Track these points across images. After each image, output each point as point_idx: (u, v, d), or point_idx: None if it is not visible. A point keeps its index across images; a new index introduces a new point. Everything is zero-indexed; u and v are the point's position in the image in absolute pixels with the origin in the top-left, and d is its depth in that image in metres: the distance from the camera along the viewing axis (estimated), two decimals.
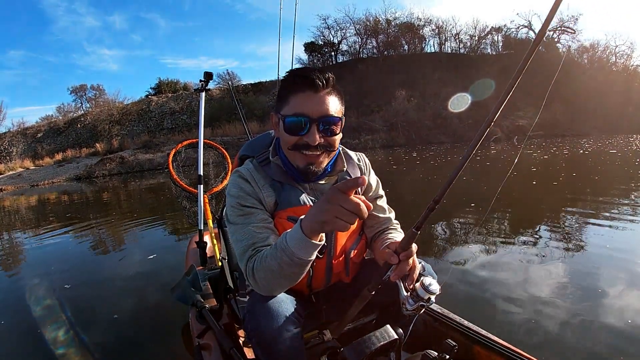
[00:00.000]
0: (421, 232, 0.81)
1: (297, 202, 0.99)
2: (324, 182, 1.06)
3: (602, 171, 7.69)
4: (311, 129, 0.91)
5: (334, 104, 0.94)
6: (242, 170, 1.02)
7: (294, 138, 0.93)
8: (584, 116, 22.63)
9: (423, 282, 0.85)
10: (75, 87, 30.22)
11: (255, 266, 0.87)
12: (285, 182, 1.00)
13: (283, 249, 0.80)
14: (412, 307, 0.85)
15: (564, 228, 3.65)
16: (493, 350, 1.15)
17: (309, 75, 0.90)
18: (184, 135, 21.43)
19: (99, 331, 2.18)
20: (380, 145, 19.23)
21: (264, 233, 0.93)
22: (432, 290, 0.84)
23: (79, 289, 2.96)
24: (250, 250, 0.91)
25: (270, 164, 1.03)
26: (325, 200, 0.72)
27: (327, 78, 0.92)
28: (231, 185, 1.00)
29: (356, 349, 0.92)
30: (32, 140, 24.71)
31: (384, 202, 1.17)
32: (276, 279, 0.85)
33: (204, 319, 1.42)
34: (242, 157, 1.14)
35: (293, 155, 0.97)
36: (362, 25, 29.56)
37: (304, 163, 0.96)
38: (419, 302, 0.85)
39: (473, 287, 2.37)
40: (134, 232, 5.14)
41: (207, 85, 2.51)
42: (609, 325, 1.82)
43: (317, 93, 0.91)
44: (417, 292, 0.85)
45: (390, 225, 1.13)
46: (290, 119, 0.91)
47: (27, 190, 14.56)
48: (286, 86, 0.94)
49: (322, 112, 0.91)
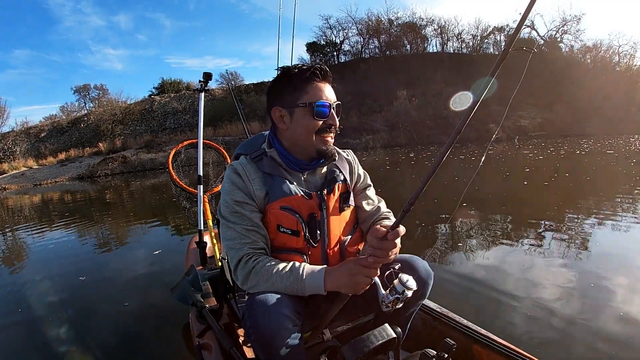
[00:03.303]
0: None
1: (288, 193, 1.04)
2: (317, 170, 1.13)
3: (595, 172, 7.66)
4: (331, 113, 1.04)
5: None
6: (235, 164, 1.09)
7: (319, 122, 1.03)
8: (587, 116, 22.46)
9: (401, 279, 0.89)
10: (78, 87, 30.32)
11: (255, 269, 0.97)
12: (276, 174, 1.06)
13: (297, 280, 0.94)
14: (388, 301, 0.89)
15: (549, 228, 3.65)
16: (492, 349, 1.15)
17: (320, 67, 1.03)
18: (186, 135, 21.48)
19: (100, 330, 2.20)
20: (381, 145, 19.19)
21: (254, 236, 1.01)
22: (409, 285, 0.88)
23: (80, 288, 2.98)
24: (245, 247, 1.00)
25: (263, 160, 1.08)
26: (350, 271, 0.90)
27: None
28: (225, 180, 1.08)
29: (355, 347, 0.93)
30: (36, 139, 24.79)
31: (372, 192, 1.22)
32: (270, 289, 0.94)
33: (204, 318, 1.43)
34: (237, 155, 1.18)
35: (315, 140, 1.04)
36: (364, 25, 29.44)
37: (325, 144, 1.06)
38: (395, 296, 0.88)
39: (464, 285, 2.40)
40: (136, 231, 5.16)
41: (207, 86, 2.52)
42: (608, 324, 1.82)
43: (328, 83, 1.06)
44: (396, 288, 0.89)
45: (383, 214, 1.16)
46: (321, 103, 1.02)
47: (31, 189, 14.63)
48: (300, 78, 1.02)
49: (334, 99, 1.06)
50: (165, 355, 1.90)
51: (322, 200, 1.06)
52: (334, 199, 1.08)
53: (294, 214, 1.02)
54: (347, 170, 1.16)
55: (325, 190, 1.07)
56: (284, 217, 1.02)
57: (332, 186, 1.09)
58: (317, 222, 1.05)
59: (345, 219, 1.11)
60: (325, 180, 1.11)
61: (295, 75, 1.03)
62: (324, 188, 1.08)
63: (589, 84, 24.22)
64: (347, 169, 1.17)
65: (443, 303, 1.41)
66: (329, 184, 1.09)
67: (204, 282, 1.72)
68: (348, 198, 1.12)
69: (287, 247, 1.04)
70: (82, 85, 30.33)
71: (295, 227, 1.03)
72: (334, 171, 1.12)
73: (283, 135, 1.08)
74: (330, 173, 1.12)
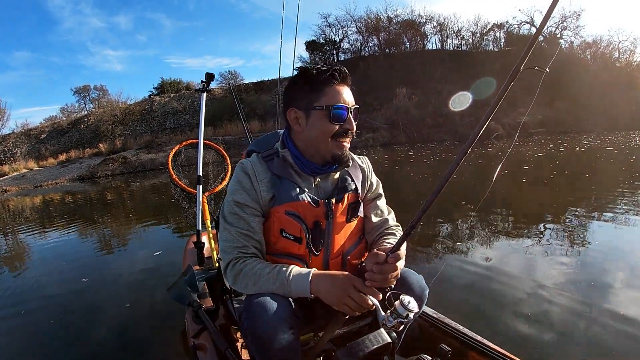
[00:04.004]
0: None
1: (295, 198, 1.01)
2: (330, 176, 1.09)
3: (594, 169, 7.63)
4: (349, 117, 1.01)
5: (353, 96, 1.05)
6: (245, 162, 1.06)
7: (335, 127, 0.99)
8: (587, 112, 22.38)
9: (402, 300, 0.85)
10: (78, 88, 30.30)
11: (243, 272, 0.96)
12: (285, 177, 1.02)
13: (283, 284, 0.92)
14: (391, 324, 0.85)
15: (546, 228, 3.63)
16: (487, 355, 1.13)
17: (339, 69, 1.00)
18: (187, 135, 21.49)
19: (97, 329, 2.21)
20: (381, 144, 19.16)
21: (245, 241, 1.00)
22: (411, 308, 0.84)
23: (81, 287, 3.00)
24: (235, 251, 0.99)
25: (274, 160, 1.05)
26: (340, 287, 0.88)
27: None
28: (232, 178, 1.06)
29: (350, 351, 0.92)
30: (36, 141, 24.84)
31: (382, 202, 1.18)
32: (258, 291, 0.94)
33: (200, 319, 1.42)
34: (249, 152, 1.16)
35: (330, 144, 1.01)
36: (364, 23, 29.37)
37: (341, 149, 1.02)
38: (398, 319, 0.84)
39: (460, 289, 2.38)
40: (137, 232, 5.17)
41: (209, 86, 2.50)
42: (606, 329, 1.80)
43: (347, 86, 1.03)
44: (397, 310, 0.84)
45: (389, 229, 1.12)
46: (338, 106, 0.98)
47: (31, 191, 14.67)
48: (317, 80, 0.99)
49: (353, 102, 1.03)
50: (162, 355, 1.91)
51: (329, 208, 1.03)
52: (341, 209, 1.05)
53: (299, 221, 1.00)
54: (360, 178, 1.13)
55: (334, 199, 1.04)
56: (288, 222, 1.00)
57: (341, 195, 1.06)
58: (322, 231, 1.02)
59: (350, 229, 1.08)
60: (336, 187, 1.07)
61: (313, 76, 0.99)
62: (333, 196, 1.05)
63: (589, 80, 24.12)
64: (360, 177, 1.13)
65: (439, 309, 1.40)
66: (339, 193, 1.06)
67: (201, 282, 1.72)
68: (357, 208, 1.09)
69: (288, 253, 1.02)
70: (82, 87, 30.35)
71: (298, 233, 1.00)
72: (345, 179, 1.09)
73: (298, 137, 1.05)
74: (341, 181, 1.08)
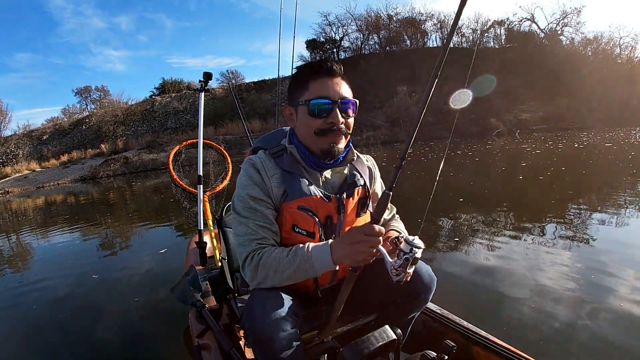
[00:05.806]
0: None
1: (307, 193, 1.00)
2: (337, 171, 1.09)
3: (592, 165, 7.58)
4: (334, 111, 0.98)
5: (347, 88, 1.02)
6: (254, 158, 1.05)
7: (319, 121, 0.98)
8: (588, 109, 22.27)
9: (407, 239, 0.84)
10: (80, 89, 30.45)
11: (261, 262, 0.94)
12: (295, 172, 1.02)
13: (304, 261, 0.90)
14: (398, 265, 0.84)
15: (545, 224, 3.60)
16: (492, 350, 1.13)
17: (326, 62, 0.98)
18: (188, 135, 21.50)
19: (101, 328, 2.22)
20: (381, 142, 19.13)
21: (264, 233, 0.98)
22: (416, 244, 0.83)
23: (82, 286, 3.00)
24: (253, 243, 0.96)
25: (283, 156, 1.05)
26: (351, 242, 0.86)
27: (340, 65, 1.01)
28: (242, 174, 1.04)
29: (355, 349, 0.92)
30: (38, 142, 24.90)
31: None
32: (280, 279, 0.92)
33: (204, 319, 1.42)
34: (255, 149, 1.16)
35: (317, 140, 1.00)
36: (364, 21, 29.35)
37: (328, 143, 1.00)
38: (404, 257, 0.83)
39: (463, 285, 2.37)
40: (141, 232, 5.18)
41: (207, 86, 2.51)
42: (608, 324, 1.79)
43: (334, 78, 0.99)
44: (402, 249, 0.84)
45: (390, 225, 1.16)
46: (315, 101, 0.97)
47: (34, 192, 14.71)
48: (304, 75, 1.00)
49: (341, 95, 0.99)
50: (166, 355, 1.91)
51: (340, 203, 1.02)
52: (352, 203, 1.05)
53: (312, 215, 0.99)
54: (368, 175, 1.13)
55: (345, 194, 1.04)
56: (301, 217, 0.99)
57: (352, 190, 1.05)
58: (334, 226, 1.02)
59: (360, 224, 1.09)
60: (345, 183, 1.07)
61: (299, 72, 1.01)
62: (344, 191, 1.05)
63: (590, 76, 24.01)
64: (368, 174, 1.14)
65: (443, 304, 1.40)
66: (349, 188, 1.06)
67: (204, 282, 1.72)
68: (366, 203, 1.09)
69: None
70: (84, 87, 30.52)
71: (311, 228, 1.00)
72: (354, 174, 1.09)
73: (296, 132, 1.06)
74: (351, 176, 1.08)
